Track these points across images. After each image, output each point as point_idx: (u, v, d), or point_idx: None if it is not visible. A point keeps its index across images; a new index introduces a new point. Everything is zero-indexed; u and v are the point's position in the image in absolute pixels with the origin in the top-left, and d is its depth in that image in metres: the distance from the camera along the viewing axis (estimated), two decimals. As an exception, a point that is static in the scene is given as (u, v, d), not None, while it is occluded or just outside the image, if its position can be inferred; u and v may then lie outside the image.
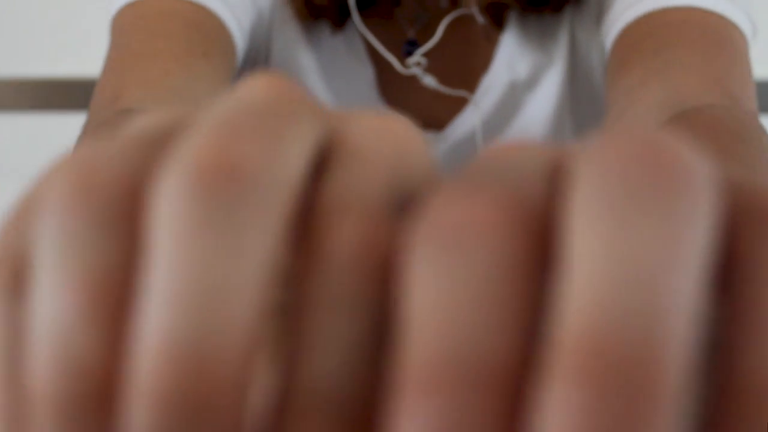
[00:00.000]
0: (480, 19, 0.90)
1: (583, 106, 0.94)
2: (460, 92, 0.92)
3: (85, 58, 1.64)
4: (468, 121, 0.93)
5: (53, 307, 0.18)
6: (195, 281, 0.17)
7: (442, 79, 0.92)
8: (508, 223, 0.18)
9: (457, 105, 0.93)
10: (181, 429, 0.17)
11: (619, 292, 0.16)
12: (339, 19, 0.92)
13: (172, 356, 0.17)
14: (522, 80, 0.93)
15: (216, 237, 0.18)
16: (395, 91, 0.94)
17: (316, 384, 0.18)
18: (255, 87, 0.21)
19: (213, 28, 0.83)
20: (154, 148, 0.20)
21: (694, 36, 0.74)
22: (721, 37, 0.75)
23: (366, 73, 0.94)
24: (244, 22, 0.88)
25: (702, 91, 0.69)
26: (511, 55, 0.93)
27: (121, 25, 0.84)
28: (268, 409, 0.19)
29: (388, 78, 0.94)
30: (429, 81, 0.91)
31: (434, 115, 0.94)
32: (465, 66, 0.94)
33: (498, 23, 0.91)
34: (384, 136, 0.21)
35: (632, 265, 0.16)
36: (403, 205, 0.20)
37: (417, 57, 0.91)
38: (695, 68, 0.71)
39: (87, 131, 0.73)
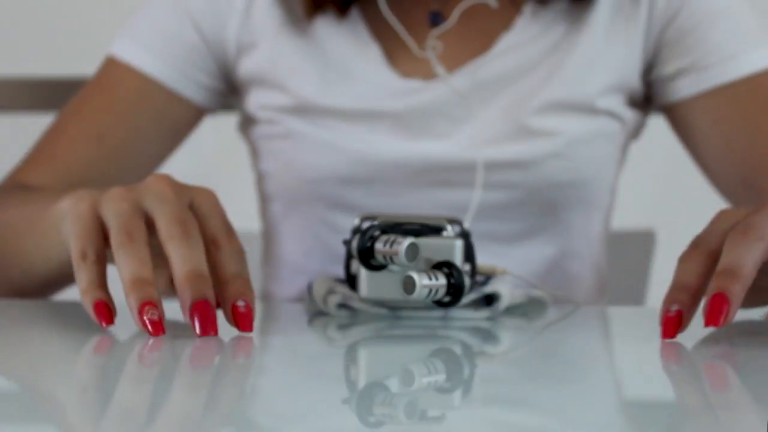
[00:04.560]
0: (492, 2, 0.97)
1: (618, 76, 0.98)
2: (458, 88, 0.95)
3: (85, 58, 1.63)
4: (481, 69, 0.98)
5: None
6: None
7: (462, 39, 0.98)
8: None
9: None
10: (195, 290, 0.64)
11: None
12: (342, 5, 0.97)
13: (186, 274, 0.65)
14: (552, 43, 0.96)
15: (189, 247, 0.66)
16: (407, 55, 0.99)
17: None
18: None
19: (144, 100, 0.98)
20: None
21: None
22: None
23: (371, 53, 0.98)
24: (201, 76, 1.00)
25: None
26: (535, 16, 0.98)
27: (88, 82, 1.01)
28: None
29: (399, 50, 0.99)
30: (440, 71, 0.95)
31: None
32: (485, 28, 0.98)
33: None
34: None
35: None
36: None
37: (432, 41, 0.96)
38: None
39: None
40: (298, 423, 0.47)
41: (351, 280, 0.75)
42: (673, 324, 0.66)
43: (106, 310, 0.65)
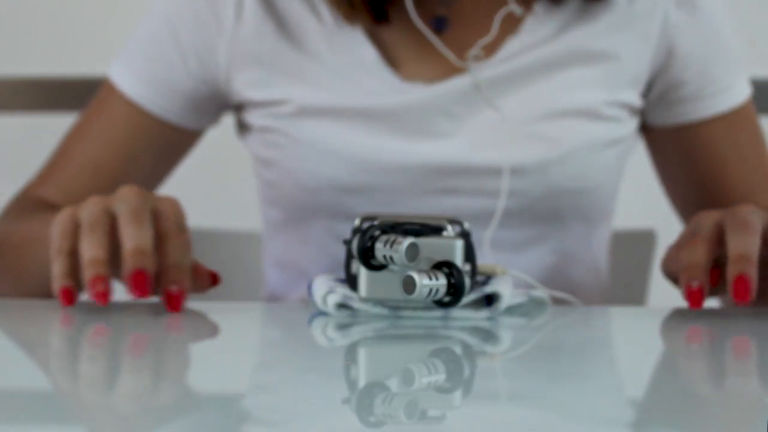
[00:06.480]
0: (518, 10, 0.97)
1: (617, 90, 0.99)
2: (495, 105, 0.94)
3: (85, 58, 1.64)
4: (489, 71, 0.98)
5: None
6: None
7: (472, 40, 0.97)
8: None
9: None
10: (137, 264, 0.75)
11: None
12: (378, 15, 0.98)
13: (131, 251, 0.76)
14: (561, 47, 0.96)
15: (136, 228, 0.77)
16: (409, 60, 0.99)
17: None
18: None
19: (138, 132, 1.03)
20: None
21: (760, 138, 1.04)
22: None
23: (367, 54, 0.98)
24: (192, 103, 1.02)
25: None
26: (540, 24, 0.98)
27: (91, 101, 1.05)
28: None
29: (397, 50, 0.99)
30: (479, 76, 0.96)
31: (448, 71, 0.99)
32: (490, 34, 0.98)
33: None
34: None
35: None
36: None
37: (476, 50, 0.97)
38: None
39: (13, 203, 1.03)
40: (298, 422, 0.47)
41: (351, 280, 0.75)
42: (698, 295, 0.76)
43: (69, 295, 0.77)
